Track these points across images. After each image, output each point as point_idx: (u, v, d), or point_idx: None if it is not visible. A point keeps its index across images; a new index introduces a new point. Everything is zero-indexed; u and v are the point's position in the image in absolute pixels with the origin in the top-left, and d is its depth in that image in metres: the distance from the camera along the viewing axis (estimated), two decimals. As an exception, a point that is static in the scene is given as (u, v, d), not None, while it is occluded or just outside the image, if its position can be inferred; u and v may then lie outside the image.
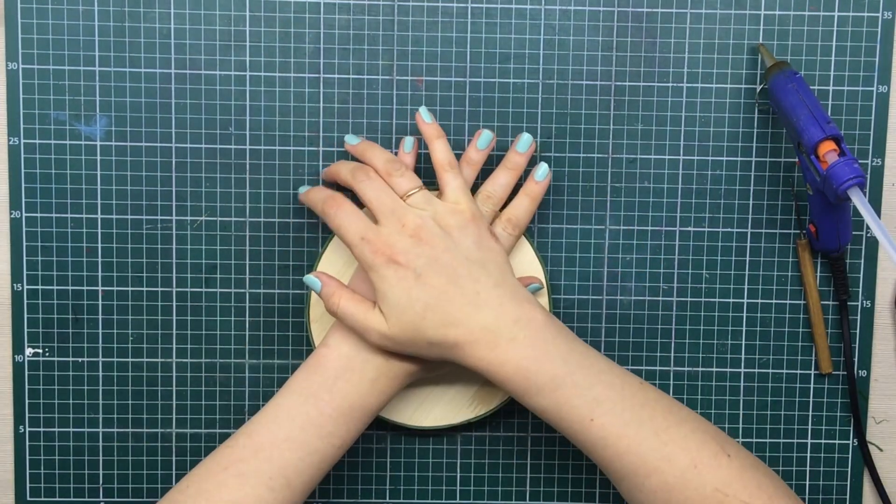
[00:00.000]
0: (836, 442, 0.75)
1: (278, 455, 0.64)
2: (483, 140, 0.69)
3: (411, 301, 0.64)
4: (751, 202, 0.73)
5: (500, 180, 0.69)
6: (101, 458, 0.75)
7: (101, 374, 0.74)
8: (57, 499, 0.75)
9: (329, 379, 0.66)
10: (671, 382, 0.75)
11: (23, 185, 0.72)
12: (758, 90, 0.72)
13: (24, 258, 0.73)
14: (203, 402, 0.75)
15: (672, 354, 0.75)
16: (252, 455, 0.64)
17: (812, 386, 0.75)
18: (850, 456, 0.75)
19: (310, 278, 0.68)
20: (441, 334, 0.64)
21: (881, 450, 0.76)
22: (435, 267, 0.64)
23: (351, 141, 0.70)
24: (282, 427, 0.65)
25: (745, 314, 0.74)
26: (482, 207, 0.68)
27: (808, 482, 0.75)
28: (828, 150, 0.65)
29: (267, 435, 0.65)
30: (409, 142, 0.69)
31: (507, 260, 0.67)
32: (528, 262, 0.72)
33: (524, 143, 0.70)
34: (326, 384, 0.65)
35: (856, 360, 0.74)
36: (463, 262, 0.64)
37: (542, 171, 0.70)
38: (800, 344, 0.75)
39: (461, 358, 0.64)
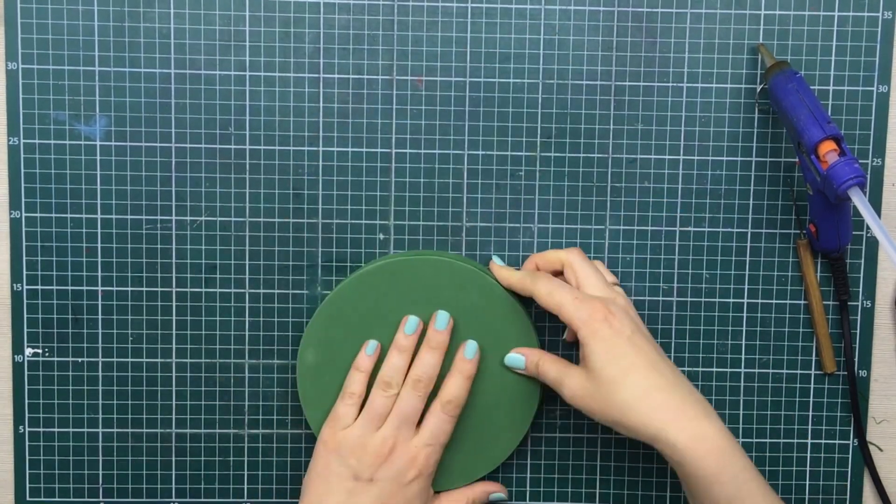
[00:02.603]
0: (837, 442, 0.75)
1: None
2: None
3: (618, 358, 0.64)
4: (751, 202, 0.73)
5: (427, 360, 0.69)
6: (100, 458, 0.75)
7: (100, 374, 0.74)
8: (57, 499, 0.75)
9: None
10: (671, 382, 0.75)
11: (22, 185, 0.72)
12: (758, 90, 0.72)
13: (24, 258, 0.73)
14: (203, 402, 0.75)
15: (672, 354, 0.75)
16: None
17: (812, 386, 0.75)
18: (850, 456, 0.75)
19: (512, 357, 0.70)
20: (640, 397, 0.64)
21: (881, 450, 0.76)
22: (644, 334, 0.67)
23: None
24: None
25: (745, 314, 0.74)
26: (413, 393, 0.68)
27: (808, 482, 0.75)
28: (828, 150, 0.65)
29: None
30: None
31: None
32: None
33: (442, 321, 0.70)
34: None
35: (856, 360, 0.74)
36: (654, 348, 0.66)
37: (471, 348, 0.70)
38: (800, 344, 0.75)
39: (658, 427, 0.63)
